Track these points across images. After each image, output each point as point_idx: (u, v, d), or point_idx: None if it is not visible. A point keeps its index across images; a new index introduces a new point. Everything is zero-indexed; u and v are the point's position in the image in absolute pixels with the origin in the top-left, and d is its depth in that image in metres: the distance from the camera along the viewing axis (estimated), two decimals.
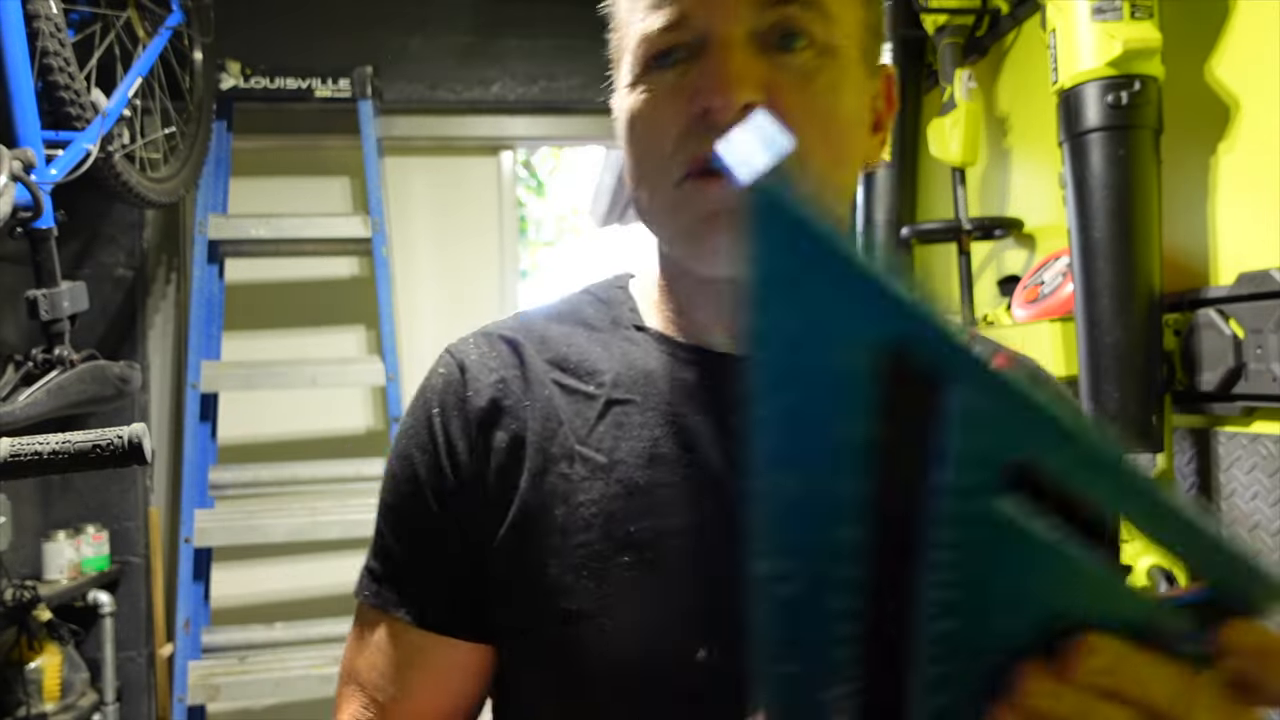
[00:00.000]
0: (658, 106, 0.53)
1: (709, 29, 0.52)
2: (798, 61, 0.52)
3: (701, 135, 0.51)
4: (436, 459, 0.58)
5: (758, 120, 0.26)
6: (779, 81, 0.51)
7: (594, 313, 0.63)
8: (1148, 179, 1.33)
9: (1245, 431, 1.30)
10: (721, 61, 0.50)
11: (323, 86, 2.27)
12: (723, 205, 0.51)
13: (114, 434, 0.86)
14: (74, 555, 2.06)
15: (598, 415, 0.57)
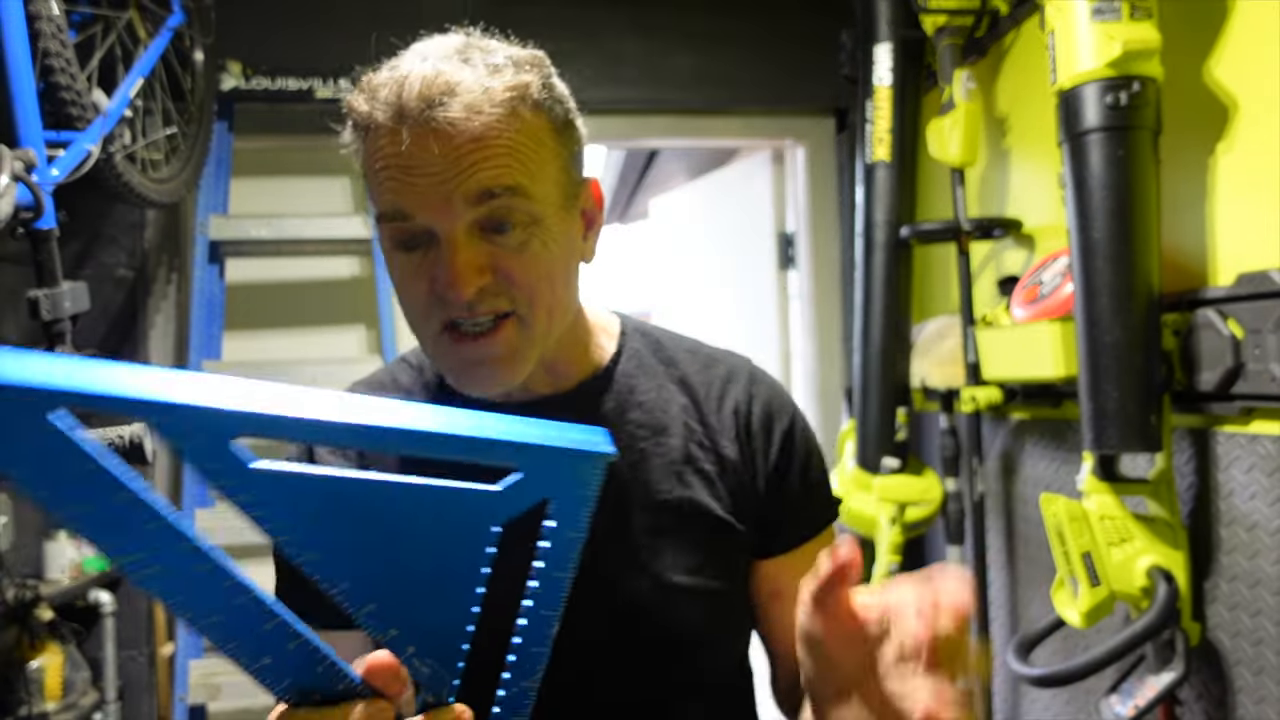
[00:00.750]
0: (409, 282, 0.68)
1: (437, 229, 0.65)
2: (512, 239, 0.66)
3: (449, 304, 0.66)
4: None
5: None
6: (499, 255, 0.66)
7: (405, 378, 0.81)
8: (1147, 179, 1.34)
9: (1244, 431, 1.30)
10: (450, 259, 0.65)
11: (323, 87, 2.27)
12: (471, 357, 0.68)
13: (114, 434, 0.86)
14: (75, 555, 2.06)
15: (398, 463, 0.72)
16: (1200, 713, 1.39)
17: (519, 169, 0.66)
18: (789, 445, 0.80)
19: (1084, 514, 1.37)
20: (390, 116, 0.66)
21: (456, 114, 0.64)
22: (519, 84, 0.67)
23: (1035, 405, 1.82)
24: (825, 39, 2.38)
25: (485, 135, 0.65)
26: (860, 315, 2.13)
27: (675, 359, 0.82)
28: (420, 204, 0.65)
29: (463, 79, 0.65)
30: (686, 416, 0.79)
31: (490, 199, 0.65)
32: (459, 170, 0.64)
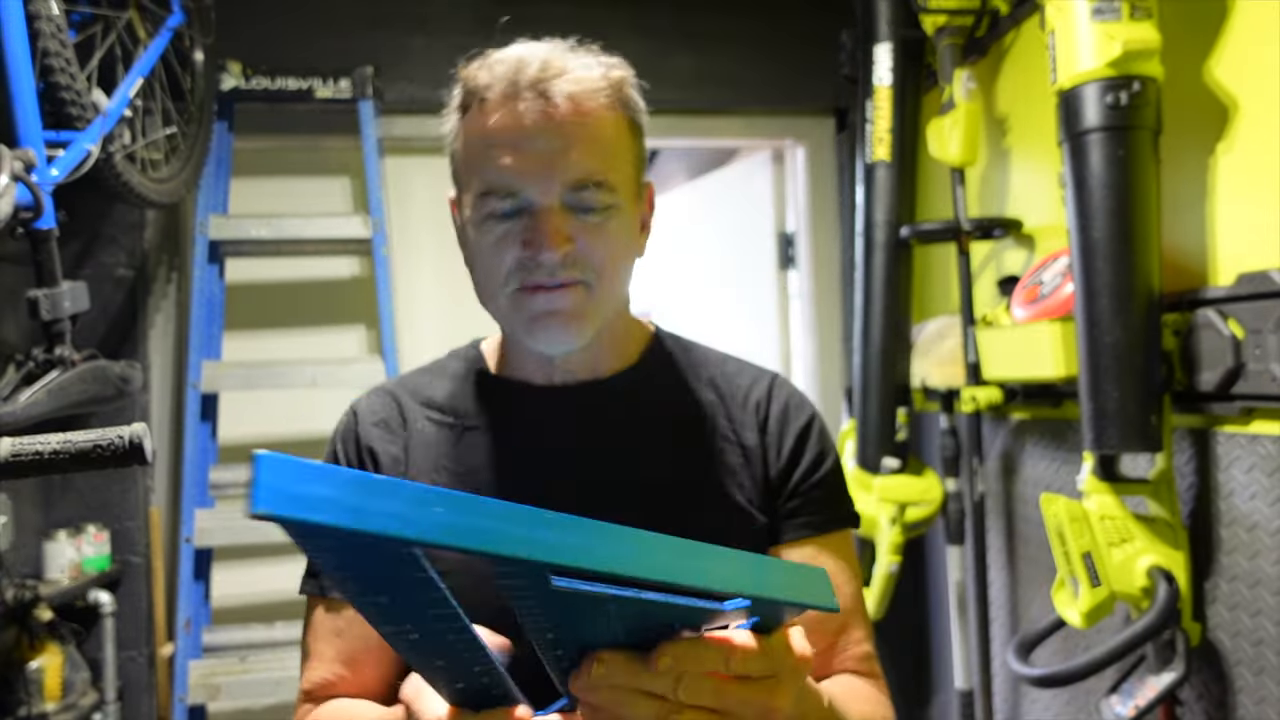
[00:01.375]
0: (500, 246, 0.76)
1: (534, 201, 0.74)
2: (593, 219, 0.75)
3: (532, 268, 0.74)
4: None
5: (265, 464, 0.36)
6: (581, 232, 0.75)
7: (455, 366, 0.88)
8: (1147, 179, 1.33)
9: (1244, 431, 1.30)
10: (547, 227, 0.73)
11: (323, 87, 2.27)
12: (545, 308, 0.75)
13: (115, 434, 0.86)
14: (75, 555, 2.06)
15: (457, 439, 0.82)
16: (1201, 713, 1.39)
17: (609, 162, 0.75)
18: (803, 440, 0.84)
19: (1084, 514, 1.37)
20: (508, 86, 0.73)
21: (570, 89, 0.73)
22: (618, 78, 0.78)
23: (1035, 405, 1.82)
24: (825, 39, 2.38)
25: (590, 120, 0.74)
26: (860, 315, 2.13)
27: (706, 362, 0.88)
28: (525, 180, 0.73)
29: (574, 65, 0.75)
30: (714, 412, 0.84)
31: (583, 189, 0.74)
32: (564, 152, 0.73)
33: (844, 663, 0.81)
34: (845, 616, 0.81)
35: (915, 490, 2.04)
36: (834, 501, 0.85)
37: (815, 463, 0.84)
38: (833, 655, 0.81)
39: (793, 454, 0.83)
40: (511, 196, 0.74)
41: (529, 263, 0.75)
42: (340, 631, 0.80)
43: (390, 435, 0.83)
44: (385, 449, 0.82)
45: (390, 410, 0.85)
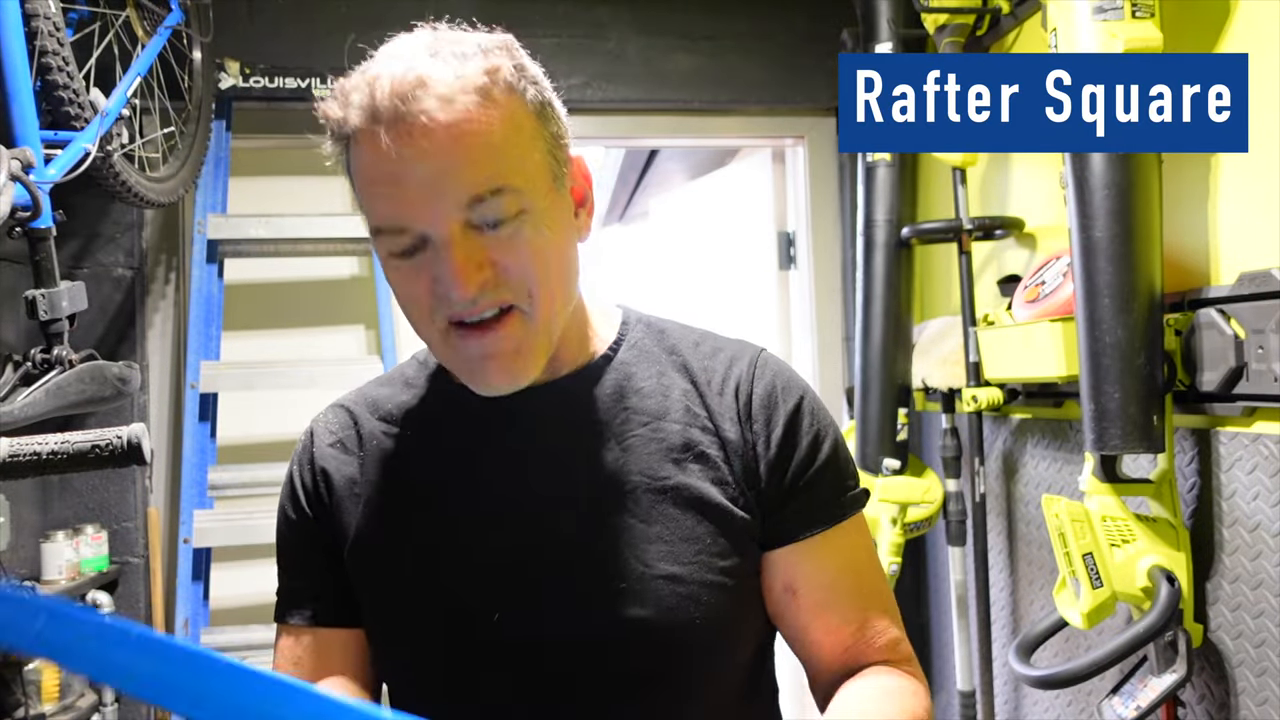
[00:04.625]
0: (409, 287, 0.69)
1: (431, 233, 0.66)
2: (505, 231, 0.67)
3: (451, 303, 0.67)
4: (296, 502, 0.82)
5: None
6: (494, 248, 0.67)
7: (413, 373, 0.84)
8: (1148, 179, 1.33)
9: (1246, 431, 1.30)
10: (448, 259, 0.66)
11: (322, 86, 2.26)
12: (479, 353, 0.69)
13: (113, 434, 0.86)
14: (73, 556, 2.05)
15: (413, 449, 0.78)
16: (1202, 714, 1.38)
17: (502, 164, 0.66)
18: (794, 427, 0.76)
19: (1086, 515, 1.37)
20: (366, 119, 0.66)
21: (431, 106, 0.64)
22: (490, 68, 0.67)
23: (1036, 405, 1.81)
24: (825, 39, 2.38)
25: (464, 129, 0.64)
26: (861, 315, 2.12)
27: (679, 348, 0.80)
28: (411, 214, 0.66)
29: (433, 71, 0.65)
30: (688, 401, 0.77)
31: (478, 203, 0.65)
32: (444, 173, 0.65)
33: (870, 654, 0.76)
34: (865, 608, 0.76)
35: (916, 491, 2.04)
36: (839, 488, 0.77)
37: (811, 450, 0.76)
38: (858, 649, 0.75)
39: (784, 444, 0.75)
40: (404, 234, 0.67)
41: (444, 302, 0.67)
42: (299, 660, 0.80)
43: (346, 455, 0.80)
44: (340, 470, 0.79)
45: (347, 428, 0.81)
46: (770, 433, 0.75)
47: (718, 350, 0.80)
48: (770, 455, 0.75)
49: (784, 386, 0.78)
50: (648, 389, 0.78)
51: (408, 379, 0.84)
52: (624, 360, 0.79)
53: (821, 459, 0.76)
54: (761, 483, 0.75)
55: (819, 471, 0.76)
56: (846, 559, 0.77)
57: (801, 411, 0.77)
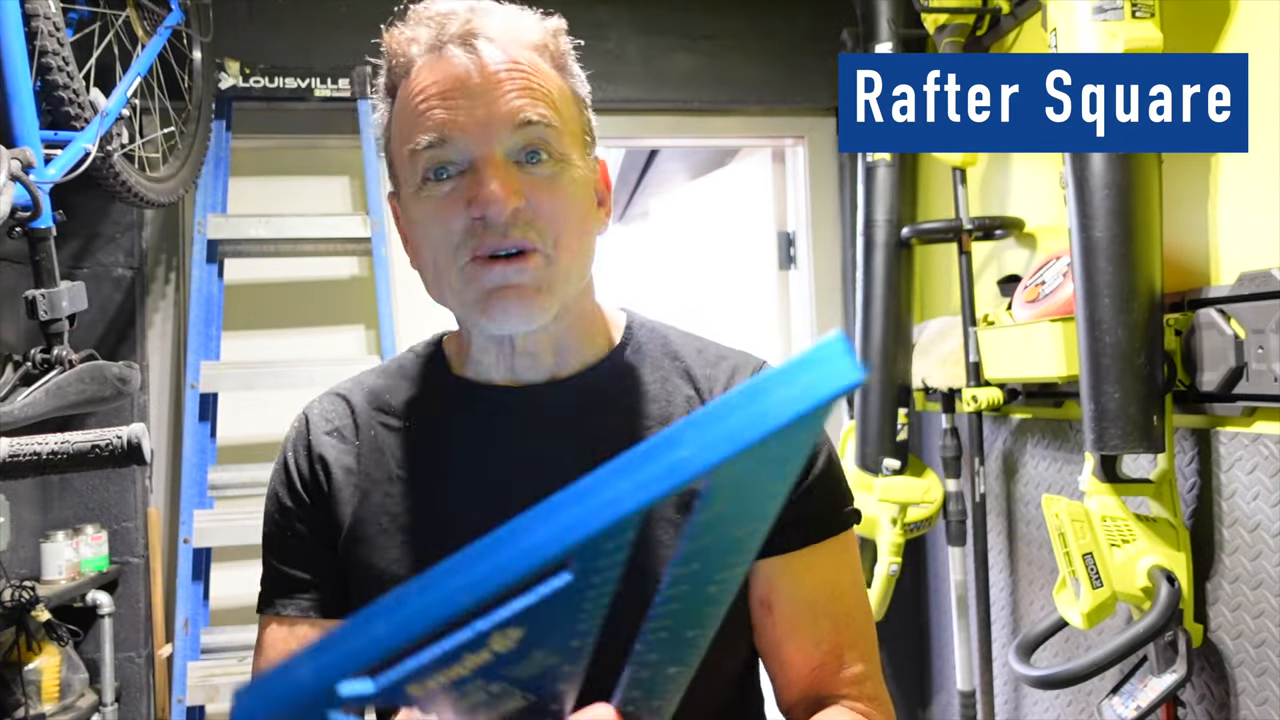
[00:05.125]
0: (441, 212, 0.68)
1: (473, 152, 0.67)
2: (543, 170, 0.69)
3: (481, 233, 0.67)
4: (292, 488, 0.78)
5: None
6: (532, 187, 0.68)
7: (411, 365, 0.82)
8: (1149, 179, 1.33)
9: (1246, 431, 1.30)
10: (490, 178, 0.66)
11: (322, 86, 2.26)
12: (500, 282, 0.68)
13: (113, 434, 0.85)
14: (73, 555, 2.05)
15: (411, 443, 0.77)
16: (1202, 714, 1.38)
17: (550, 105, 0.69)
18: None
19: (1086, 515, 1.37)
20: (431, 43, 0.69)
21: (496, 36, 0.68)
22: (552, 27, 0.73)
23: (1036, 405, 1.81)
24: (825, 39, 2.38)
25: (522, 65, 0.68)
26: (861, 315, 2.12)
27: (681, 354, 0.80)
28: (460, 129, 0.67)
29: (501, 11, 0.70)
30: (690, 408, 0.76)
31: (528, 126, 0.67)
32: (500, 95, 0.67)
33: (837, 685, 0.73)
34: (839, 632, 0.74)
35: (916, 491, 2.04)
36: (828, 503, 0.76)
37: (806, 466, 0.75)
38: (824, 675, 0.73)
39: None
40: (444, 147, 0.67)
41: (478, 226, 0.67)
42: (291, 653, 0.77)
43: (343, 444, 0.78)
44: (338, 459, 0.77)
45: (344, 417, 0.80)
46: None
47: (720, 359, 0.80)
48: None
49: None
50: (651, 393, 0.77)
51: (405, 371, 0.82)
52: (628, 363, 0.79)
53: (814, 474, 0.75)
54: None
55: (808, 486, 0.75)
56: (826, 578, 0.75)
57: None
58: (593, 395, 0.76)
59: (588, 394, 0.76)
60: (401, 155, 0.71)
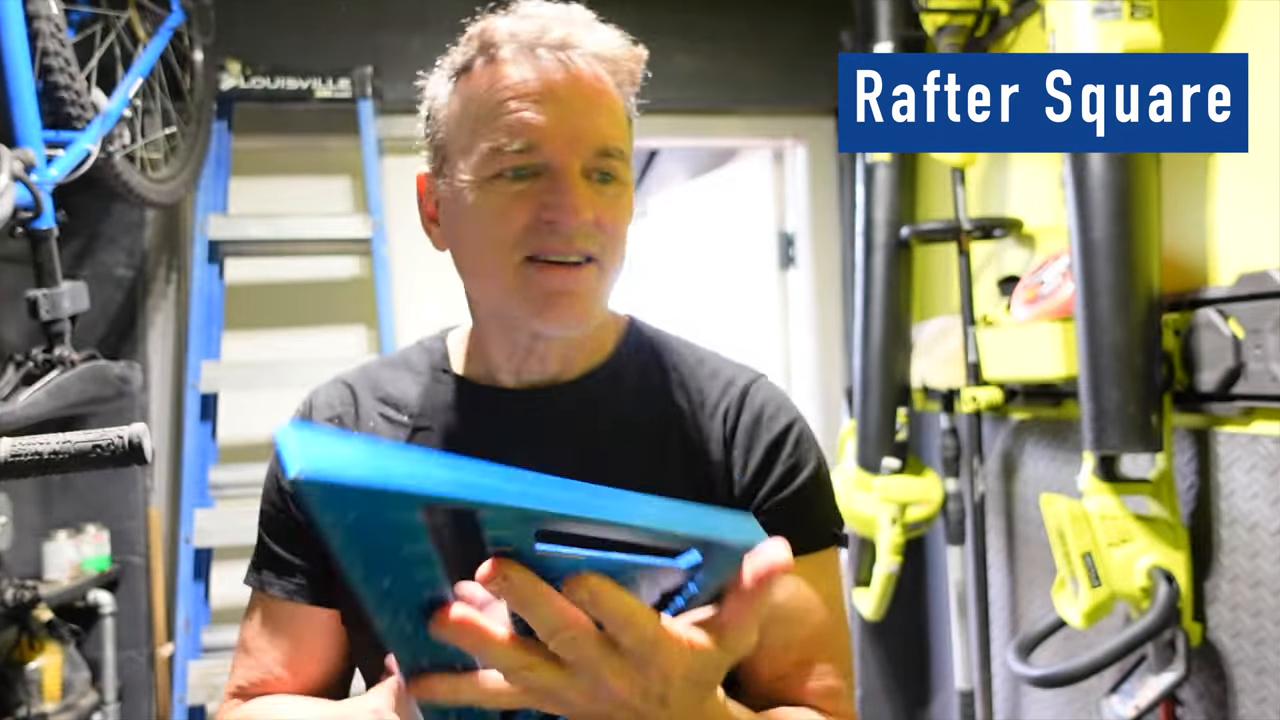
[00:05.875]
0: (509, 210, 0.69)
1: (557, 161, 0.69)
2: (610, 190, 0.72)
3: (547, 237, 0.69)
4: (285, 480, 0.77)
5: (289, 434, 0.40)
6: (599, 204, 0.70)
7: (417, 359, 0.82)
8: (1147, 179, 1.33)
9: (1244, 431, 1.30)
10: (570, 190, 0.68)
11: (323, 87, 2.27)
12: (560, 287, 0.69)
13: (114, 434, 0.86)
14: (74, 555, 2.06)
15: (407, 438, 0.77)
16: (1201, 713, 1.39)
17: (623, 136, 0.73)
18: (773, 456, 0.75)
19: (1085, 514, 1.37)
20: (530, 41, 0.70)
21: (594, 53, 0.71)
22: (637, 55, 0.75)
23: (1036, 405, 1.82)
24: (825, 39, 2.38)
25: (609, 89, 0.72)
26: (860, 315, 2.12)
27: (679, 364, 0.80)
28: (549, 137, 0.69)
29: (602, 31, 0.73)
30: (679, 421, 0.77)
31: (607, 156, 0.71)
32: (590, 114, 0.70)
33: (803, 695, 0.72)
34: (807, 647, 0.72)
35: (915, 490, 2.04)
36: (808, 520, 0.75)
37: (785, 478, 0.74)
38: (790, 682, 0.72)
39: (760, 469, 0.74)
40: (529, 152, 0.69)
41: (544, 229, 0.69)
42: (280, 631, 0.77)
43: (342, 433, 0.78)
44: None
45: (345, 405, 0.80)
46: (749, 459, 0.75)
47: (717, 372, 0.80)
48: (744, 480, 0.75)
49: (771, 415, 0.77)
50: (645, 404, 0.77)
51: (411, 364, 0.82)
52: (629, 366, 0.79)
53: (793, 488, 0.74)
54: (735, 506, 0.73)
55: (788, 501, 0.74)
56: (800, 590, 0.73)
57: (783, 441, 0.76)
58: (590, 400, 0.77)
59: (586, 399, 0.77)
60: (472, 144, 0.71)
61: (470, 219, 0.72)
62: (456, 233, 0.75)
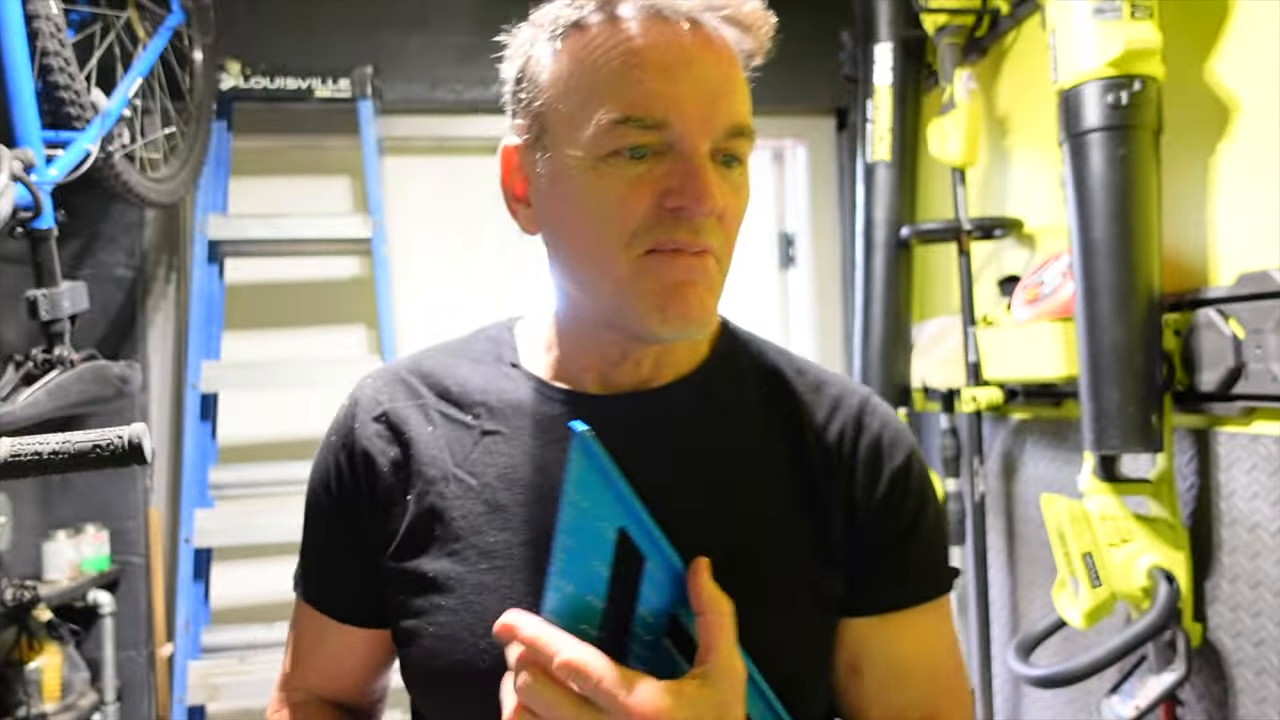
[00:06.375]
0: (630, 192, 0.61)
1: (687, 143, 0.60)
2: (735, 176, 0.64)
3: (672, 226, 0.60)
4: (327, 482, 0.71)
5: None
6: (728, 189, 0.63)
7: (481, 349, 0.74)
8: (1148, 179, 1.33)
9: (1245, 431, 1.30)
10: (699, 171, 0.60)
11: (323, 86, 2.27)
12: (686, 277, 0.61)
13: (114, 434, 0.86)
14: (74, 555, 2.05)
15: (474, 443, 0.68)
16: (1202, 713, 1.39)
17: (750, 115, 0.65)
18: (898, 488, 0.67)
19: (1085, 514, 1.37)
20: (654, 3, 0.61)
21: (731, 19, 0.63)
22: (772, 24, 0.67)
23: (1036, 405, 1.82)
24: (825, 39, 2.38)
25: (739, 64, 0.64)
26: (860, 315, 2.12)
27: (779, 372, 0.72)
28: (682, 114, 0.60)
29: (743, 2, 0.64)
30: (782, 438, 0.68)
31: (739, 135, 0.63)
32: (724, 90, 0.62)
33: None
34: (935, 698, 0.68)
35: None
36: (931, 564, 0.69)
37: (914, 517, 0.67)
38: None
39: (885, 506, 0.67)
40: (658, 129, 0.60)
41: (668, 218, 0.60)
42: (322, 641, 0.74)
43: (391, 434, 0.69)
44: (383, 452, 0.69)
45: (397, 401, 0.70)
46: (872, 490, 0.67)
47: (822, 384, 0.72)
48: (865, 515, 0.67)
49: (892, 440, 0.69)
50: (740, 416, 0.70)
51: (474, 355, 0.73)
52: (724, 373, 0.71)
53: (920, 529, 0.68)
54: (851, 541, 0.66)
55: (914, 543, 0.68)
56: (924, 644, 0.68)
57: (909, 473, 0.69)
58: (683, 411, 0.69)
59: (676, 408, 0.68)
60: (584, 114, 0.61)
61: (579, 203, 0.62)
62: (559, 217, 0.65)
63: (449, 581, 0.65)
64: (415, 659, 0.67)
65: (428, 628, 0.65)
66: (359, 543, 0.70)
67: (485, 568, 0.64)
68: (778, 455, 0.68)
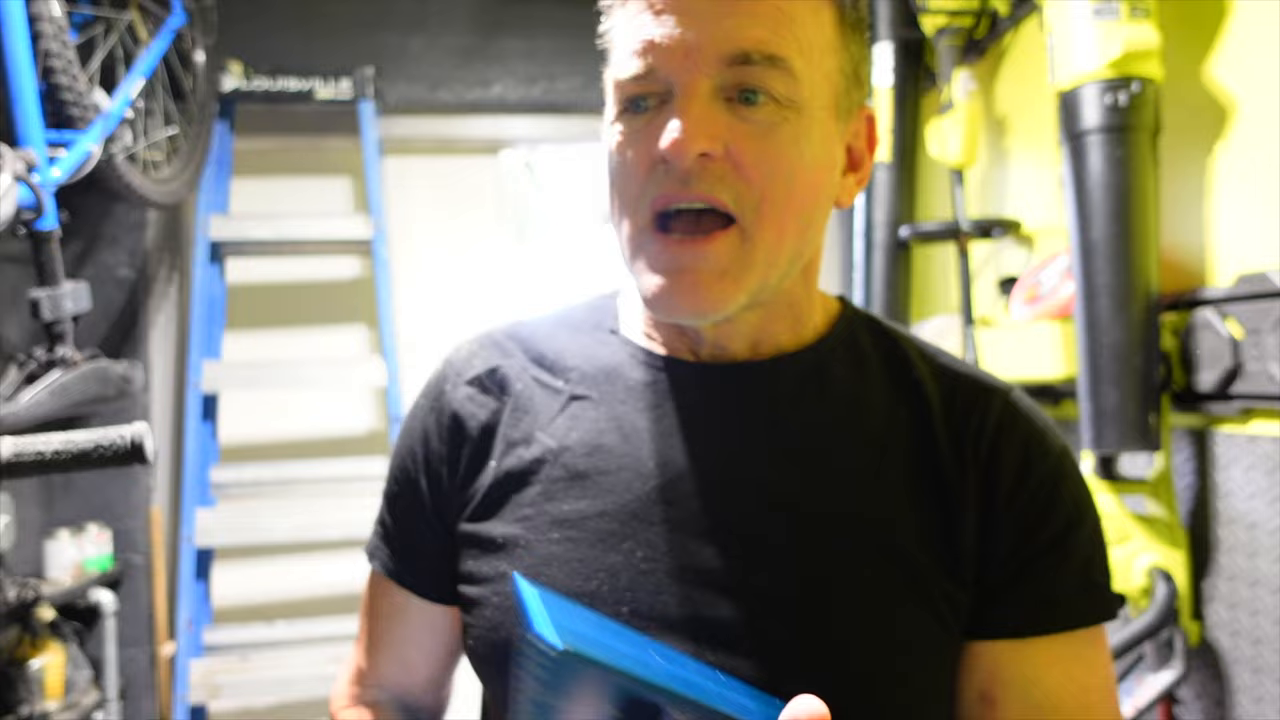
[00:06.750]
0: (629, 148, 0.56)
1: (675, 81, 0.54)
2: (759, 115, 0.54)
3: (661, 178, 0.55)
4: (414, 447, 0.68)
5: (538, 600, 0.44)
6: (740, 133, 0.54)
7: (581, 316, 0.70)
8: (1146, 180, 1.34)
9: (1242, 431, 1.30)
10: (681, 112, 0.53)
11: (324, 87, 2.27)
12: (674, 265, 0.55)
13: (116, 434, 0.86)
14: (76, 554, 2.06)
15: (560, 408, 0.64)
16: (1199, 711, 1.39)
17: (788, 38, 0.54)
18: (1049, 496, 0.59)
19: None
20: None
21: None
22: None
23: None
24: None
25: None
26: None
27: (908, 359, 0.64)
28: (662, 52, 0.54)
29: None
30: (904, 425, 0.61)
31: (744, 63, 0.53)
32: (718, 18, 0.53)
33: None
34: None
35: None
36: (1086, 585, 0.59)
37: (1067, 526, 0.59)
38: None
39: (1030, 509, 0.58)
40: (648, 76, 0.54)
41: (659, 170, 0.55)
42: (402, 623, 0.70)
43: (484, 396, 0.66)
44: (474, 414, 0.65)
45: (491, 364, 0.67)
46: (1016, 491, 0.59)
47: (957, 374, 0.64)
48: (1008, 521, 0.58)
49: (1041, 443, 0.60)
50: (849, 396, 0.62)
51: (572, 322, 0.69)
52: (829, 356, 0.64)
53: (1074, 541, 0.59)
54: (988, 552, 0.58)
55: (1066, 556, 0.59)
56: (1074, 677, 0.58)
57: (1062, 476, 0.60)
58: (784, 390, 0.62)
59: (780, 388, 0.62)
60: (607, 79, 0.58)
61: (607, 168, 0.59)
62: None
63: (516, 549, 0.61)
64: (477, 630, 0.62)
65: (492, 596, 0.61)
66: (443, 510, 0.66)
67: (556, 537, 0.60)
68: (899, 448, 0.60)
